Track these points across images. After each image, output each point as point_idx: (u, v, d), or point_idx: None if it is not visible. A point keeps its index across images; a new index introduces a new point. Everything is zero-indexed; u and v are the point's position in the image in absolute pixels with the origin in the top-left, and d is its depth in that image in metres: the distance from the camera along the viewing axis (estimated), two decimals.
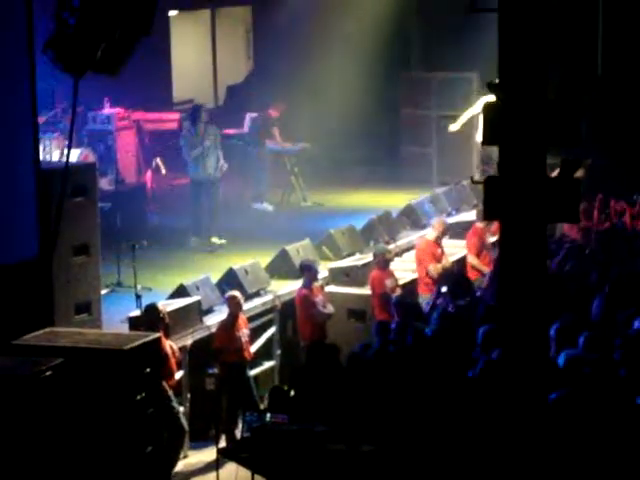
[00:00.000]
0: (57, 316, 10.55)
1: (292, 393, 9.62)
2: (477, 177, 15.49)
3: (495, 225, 13.50)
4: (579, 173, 7.10)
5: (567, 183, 6.92)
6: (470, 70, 18.63)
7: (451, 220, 16.21)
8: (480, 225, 14.29)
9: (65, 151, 11.32)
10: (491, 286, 11.91)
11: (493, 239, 13.94)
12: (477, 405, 8.06)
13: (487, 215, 7.46)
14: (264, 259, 13.62)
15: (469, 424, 7.98)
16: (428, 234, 14.08)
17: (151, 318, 10.73)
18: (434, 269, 13.34)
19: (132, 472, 9.58)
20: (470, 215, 16.11)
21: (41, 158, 11.45)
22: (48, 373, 9.12)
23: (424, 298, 13.08)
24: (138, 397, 9.71)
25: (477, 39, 16.81)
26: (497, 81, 6.99)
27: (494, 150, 7.25)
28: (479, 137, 15.69)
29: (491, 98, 7.04)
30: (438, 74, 19.11)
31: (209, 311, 12.13)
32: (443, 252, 13.74)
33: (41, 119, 13.22)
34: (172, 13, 19.99)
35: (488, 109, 6.97)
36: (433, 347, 9.57)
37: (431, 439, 8.01)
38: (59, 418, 9.19)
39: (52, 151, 15.04)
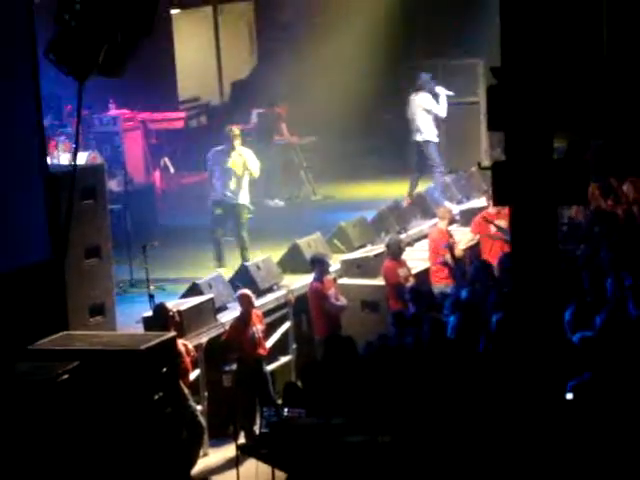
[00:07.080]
0: (71, 319, 10.56)
1: (302, 387, 9.58)
2: (485, 163, 15.42)
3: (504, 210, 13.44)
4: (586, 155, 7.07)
5: (575, 165, 6.89)
6: (475, 56, 18.58)
7: (462, 207, 16.17)
8: (490, 211, 14.23)
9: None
10: (502, 272, 11.84)
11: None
12: (495, 394, 8.03)
13: (497, 201, 7.43)
14: (276, 254, 13.61)
15: (487, 414, 7.94)
16: (439, 223, 14.02)
17: (161, 318, 10.72)
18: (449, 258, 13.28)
19: (152, 472, 9.59)
20: (481, 202, 16.05)
21: (49, 162, 11.45)
22: (65, 377, 9.13)
23: (437, 287, 13.03)
24: (156, 397, 9.72)
25: (482, 24, 16.75)
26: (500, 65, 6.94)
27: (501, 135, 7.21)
28: None
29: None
30: (443, 61, 19.07)
31: (222, 308, 12.12)
32: (455, 241, 13.68)
33: (47, 123, 13.23)
34: (174, 12, 19.96)
35: (492, 94, 6.92)
36: (450, 336, 9.53)
37: (450, 429, 7.98)
38: (77, 421, 9.20)
39: (60, 155, 15.02)
